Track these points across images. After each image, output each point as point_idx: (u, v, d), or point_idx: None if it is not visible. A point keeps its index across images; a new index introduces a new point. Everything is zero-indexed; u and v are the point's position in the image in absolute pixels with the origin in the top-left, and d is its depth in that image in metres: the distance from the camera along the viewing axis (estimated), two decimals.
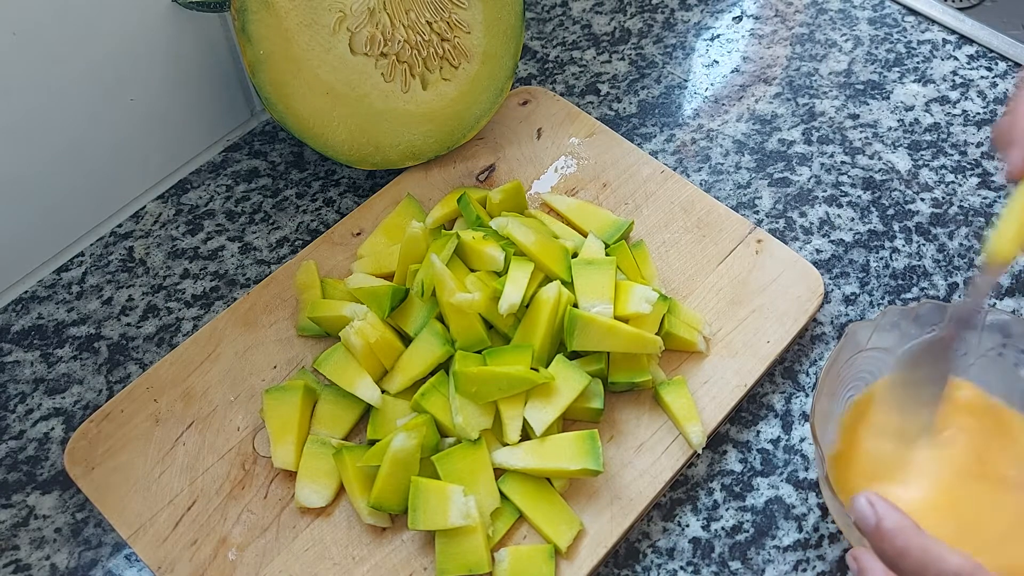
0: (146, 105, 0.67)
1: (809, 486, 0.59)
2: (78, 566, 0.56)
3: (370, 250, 0.65)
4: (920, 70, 0.78)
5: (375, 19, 0.64)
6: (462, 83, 0.69)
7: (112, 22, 0.61)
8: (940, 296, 0.66)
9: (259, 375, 0.61)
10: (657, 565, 0.56)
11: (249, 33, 0.61)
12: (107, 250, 0.69)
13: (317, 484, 0.56)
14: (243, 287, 0.67)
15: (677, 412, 0.58)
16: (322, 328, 0.61)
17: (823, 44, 0.80)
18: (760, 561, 0.56)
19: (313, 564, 0.54)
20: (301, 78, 0.63)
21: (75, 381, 0.63)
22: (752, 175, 0.72)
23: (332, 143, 0.66)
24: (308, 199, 0.71)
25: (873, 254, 0.68)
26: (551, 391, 0.56)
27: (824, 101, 0.76)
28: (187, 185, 0.72)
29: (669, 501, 0.58)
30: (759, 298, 0.63)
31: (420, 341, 0.58)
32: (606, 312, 0.58)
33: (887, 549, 0.42)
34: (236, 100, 0.73)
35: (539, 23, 0.82)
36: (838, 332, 0.65)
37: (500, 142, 0.72)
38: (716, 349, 0.61)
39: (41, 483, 0.59)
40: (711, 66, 0.79)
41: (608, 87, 0.78)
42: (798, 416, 0.61)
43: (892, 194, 0.71)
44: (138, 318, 0.66)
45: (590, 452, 0.55)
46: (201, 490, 0.57)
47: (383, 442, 0.54)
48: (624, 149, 0.71)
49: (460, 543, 0.53)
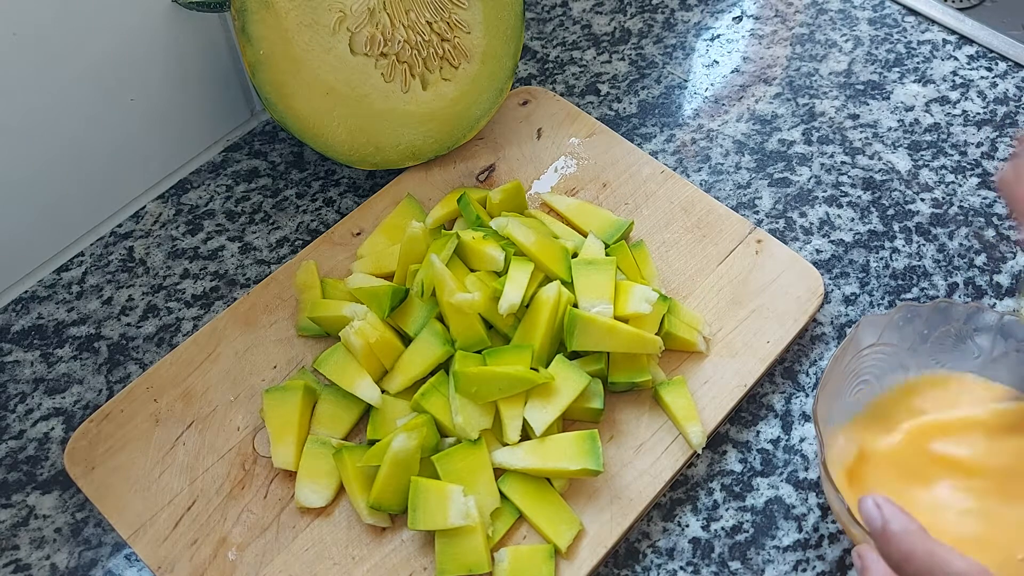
0: (146, 105, 0.67)
1: (809, 486, 0.59)
2: (78, 566, 0.56)
3: (370, 250, 0.65)
4: (920, 70, 0.78)
5: (375, 19, 0.64)
6: (462, 83, 0.69)
7: (112, 22, 0.61)
8: (940, 296, 0.66)
9: (259, 375, 0.61)
10: (657, 565, 0.56)
11: (249, 33, 0.61)
12: (107, 250, 0.69)
13: (317, 484, 0.56)
14: (243, 287, 0.67)
15: (677, 412, 0.58)
16: (322, 328, 0.61)
17: (823, 44, 0.80)
18: (760, 561, 0.56)
19: (313, 564, 0.54)
20: (301, 78, 0.63)
21: (75, 381, 0.63)
22: (752, 175, 0.72)
23: (332, 143, 0.66)
24: (308, 199, 0.71)
25: (873, 254, 0.68)
26: (551, 391, 0.56)
27: (824, 101, 0.76)
28: (187, 185, 0.72)
29: (669, 501, 0.58)
30: (759, 298, 0.63)
31: (420, 341, 0.59)
32: (606, 312, 0.58)
33: (893, 552, 0.42)
34: (236, 100, 0.73)
35: (539, 23, 0.82)
36: (838, 332, 0.65)
37: (500, 142, 0.72)
38: (716, 349, 0.61)
39: (41, 483, 0.59)
40: (711, 66, 0.79)
41: (608, 87, 0.78)
42: (798, 416, 0.61)
43: (892, 194, 0.71)
44: (138, 318, 0.66)
45: (590, 452, 0.55)
46: (201, 490, 0.57)
47: (383, 442, 0.54)
48: (624, 149, 0.71)
49: (460, 543, 0.53)
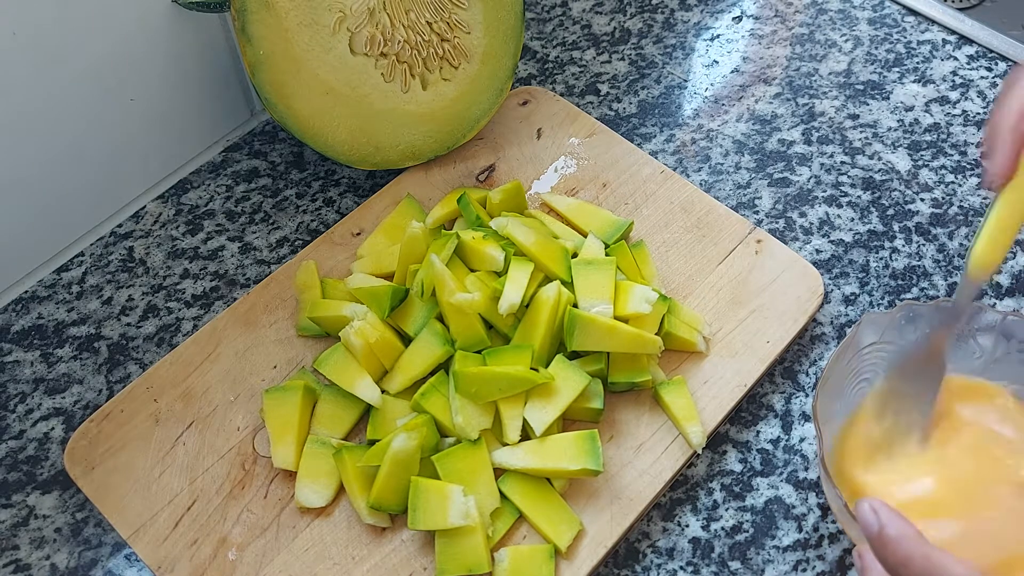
0: (146, 105, 0.67)
1: (809, 486, 0.59)
2: (78, 566, 0.56)
3: (370, 250, 0.65)
4: (920, 70, 0.78)
5: (375, 19, 0.64)
6: (462, 83, 0.69)
7: (112, 22, 0.61)
8: (940, 296, 0.66)
9: (259, 375, 0.61)
10: (657, 565, 0.56)
11: (249, 33, 0.61)
12: (107, 250, 0.69)
13: (317, 484, 0.56)
14: (243, 287, 0.67)
15: (677, 412, 0.58)
16: (322, 328, 0.61)
17: (823, 44, 0.80)
18: (760, 561, 0.56)
19: (313, 564, 0.54)
20: (301, 78, 0.63)
21: (75, 381, 0.63)
22: (752, 175, 0.72)
23: (332, 143, 0.66)
24: (308, 199, 0.71)
25: (873, 254, 0.68)
26: (551, 391, 0.56)
27: (824, 101, 0.76)
28: (187, 185, 0.72)
29: (669, 501, 0.58)
30: (759, 298, 0.63)
31: (420, 341, 0.59)
32: (606, 312, 0.58)
33: (889, 556, 0.42)
34: (236, 100, 0.73)
35: (539, 23, 0.82)
36: (838, 332, 0.65)
37: (500, 142, 0.72)
38: (716, 349, 0.61)
39: (41, 483, 0.59)
40: (711, 66, 0.79)
41: (608, 87, 0.78)
42: (798, 416, 0.61)
43: (892, 194, 0.71)
44: (138, 318, 0.66)
45: (590, 452, 0.55)
46: (201, 490, 0.57)
47: (383, 442, 0.54)
48: (624, 149, 0.71)
49: (460, 543, 0.53)
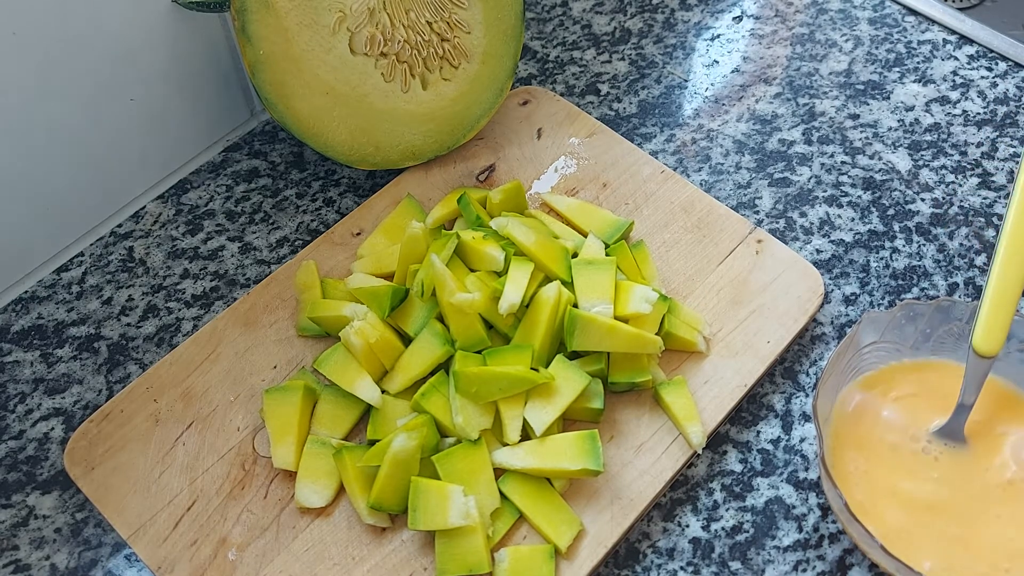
0: (146, 105, 0.67)
1: (809, 486, 0.59)
2: (78, 566, 0.56)
3: (370, 250, 0.65)
4: (920, 70, 0.78)
5: (375, 19, 0.64)
6: (462, 83, 0.69)
7: (112, 22, 0.61)
8: (941, 296, 0.66)
9: (259, 375, 0.61)
10: (657, 565, 0.56)
11: (249, 33, 0.61)
12: (107, 250, 0.69)
13: (317, 484, 0.56)
14: (243, 287, 0.67)
15: (677, 412, 0.58)
16: (322, 328, 0.61)
17: (823, 44, 0.80)
18: (760, 561, 0.56)
19: (313, 564, 0.54)
20: (301, 78, 0.63)
21: (75, 381, 0.63)
22: (752, 175, 0.72)
23: (332, 143, 0.66)
24: (308, 199, 0.71)
25: (873, 254, 0.68)
26: (551, 391, 0.56)
27: (824, 101, 0.76)
28: (187, 185, 0.72)
29: (669, 501, 0.58)
30: (759, 298, 0.63)
31: (420, 341, 0.59)
32: (606, 312, 0.58)
33: None
34: (236, 100, 0.73)
35: (539, 23, 0.82)
36: (838, 332, 0.65)
37: (500, 142, 0.72)
38: (716, 349, 0.61)
39: (41, 483, 0.59)
40: (711, 66, 0.79)
41: (608, 87, 0.78)
42: (798, 416, 0.61)
43: (892, 194, 0.71)
44: (138, 318, 0.66)
45: (590, 452, 0.55)
46: (201, 490, 0.57)
47: (383, 442, 0.54)
48: (624, 149, 0.71)
49: (460, 543, 0.53)
